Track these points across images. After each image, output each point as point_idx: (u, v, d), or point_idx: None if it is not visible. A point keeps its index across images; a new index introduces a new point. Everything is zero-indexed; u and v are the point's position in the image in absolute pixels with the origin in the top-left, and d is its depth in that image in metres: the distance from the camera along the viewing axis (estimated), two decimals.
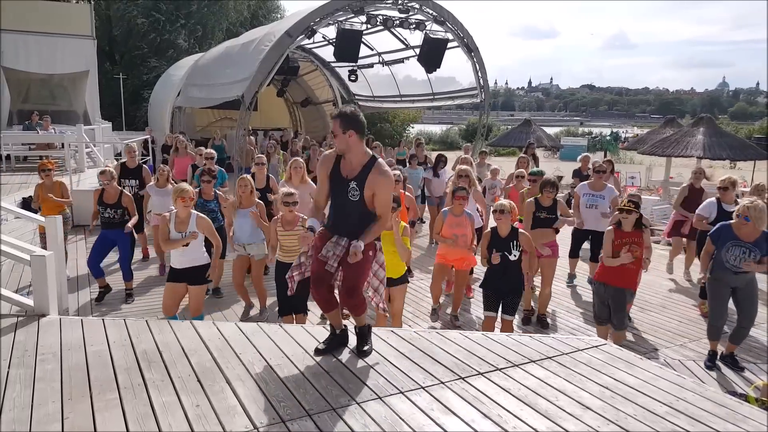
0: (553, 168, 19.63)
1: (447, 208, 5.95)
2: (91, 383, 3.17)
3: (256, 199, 6.03)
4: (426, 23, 13.37)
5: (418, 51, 14.53)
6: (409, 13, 13.12)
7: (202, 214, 5.06)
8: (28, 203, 8.78)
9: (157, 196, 7.28)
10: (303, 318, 5.11)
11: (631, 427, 2.82)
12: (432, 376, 3.32)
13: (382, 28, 13.67)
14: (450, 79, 16.46)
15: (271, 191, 7.14)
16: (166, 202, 6.86)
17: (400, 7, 12.88)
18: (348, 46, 13.37)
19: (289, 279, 3.60)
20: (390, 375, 3.31)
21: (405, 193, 6.54)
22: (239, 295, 6.15)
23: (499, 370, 3.44)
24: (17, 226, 8.29)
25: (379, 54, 17.07)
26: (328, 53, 16.96)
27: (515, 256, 5.00)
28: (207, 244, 5.12)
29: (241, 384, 3.16)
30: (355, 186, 3.29)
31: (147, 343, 3.73)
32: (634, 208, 4.94)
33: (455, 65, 14.96)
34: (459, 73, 15.85)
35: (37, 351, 3.63)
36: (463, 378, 3.31)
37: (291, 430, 2.72)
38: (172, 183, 7.19)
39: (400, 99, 18.91)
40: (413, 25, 13.29)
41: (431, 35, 13.58)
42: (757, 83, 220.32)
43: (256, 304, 6.17)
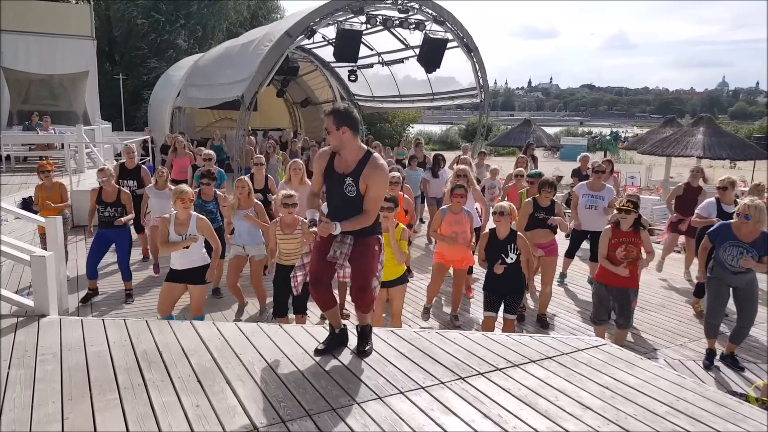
0: (553, 168, 19.61)
1: (446, 206, 5.95)
2: (91, 383, 3.17)
3: (255, 200, 6.03)
4: (426, 23, 13.37)
5: (417, 51, 14.53)
6: (409, 13, 13.13)
7: (202, 216, 5.05)
8: (28, 204, 8.78)
9: (156, 198, 7.26)
10: (303, 319, 5.11)
11: (632, 427, 2.82)
12: (432, 376, 3.32)
13: (381, 28, 13.68)
14: (450, 79, 16.46)
15: (270, 191, 7.13)
16: (165, 204, 6.85)
17: (399, 7, 12.88)
18: (348, 46, 13.37)
19: (293, 278, 3.62)
20: (390, 375, 3.32)
21: (404, 195, 6.53)
22: (233, 295, 6.14)
23: (499, 370, 3.45)
24: (17, 226, 8.29)
25: (378, 54, 17.08)
26: (327, 53, 16.96)
27: (512, 259, 4.99)
28: (207, 245, 5.12)
29: (241, 384, 3.17)
30: (351, 182, 3.27)
31: (147, 343, 3.74)
32: (632, 208, 4.94)
33: (455, 65, 14.99)
34: (459, 73, 15.88)
35: (37, 351, 3.63)
36: (463, 378, 3.31)
37: (291, 430, 2.72)
38: (170, 188, 7.14)
39: (399, 99, 18.92)
40: (413, 25, 13.29)
41: (431, 35, 13.58)
42: (757, 83, 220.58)
43: (253, 304, 6.16)
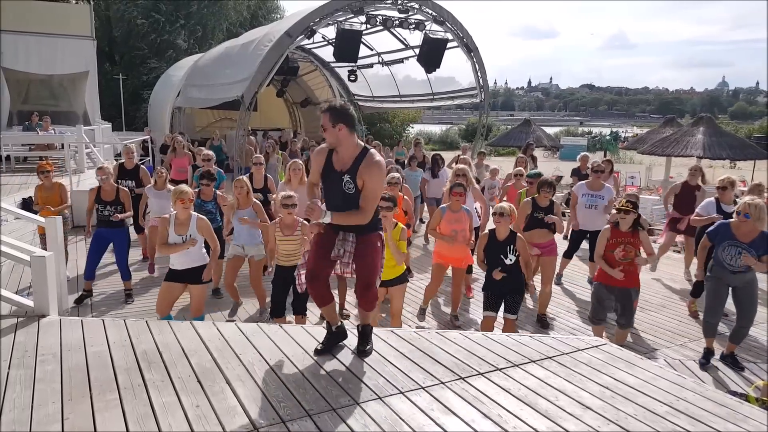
0: (553, 168, 19.62)
1: (445, 205, 5.95)
2: (91, 384, 3.17)
3: (254, 200, 6.02)
4: (425, 23, 13.36)
5: (417, 51, 14.52)
6: (409, 13, 13.12)
7: (202, 216, 5.05)
8: (28, 204, 8.78)
9: (155, 198, 7.25)
10: (302, 319, 5.11)
11: (632, 427, 2.82)
12: (432, 376, 3.32)
13: (381, 28, 13.66)
14: (449, 79, 16.45)
15: (269, 191, 7.13)
16: (164, 204, 6.84)
17: (399, 7, 12.88)
18: (347, 46, 13.36)
19: (297, 276, 3.64)
20: (390, 375, 3.31)
21: (403, 196, 6.53)
22: (229, 294, 6.13)
23: (499, 370, 3.45)
24: (17, 226, 8.29)
25: (378, 54, 17.07)
26: (327, 53, 16.95)
27: (511, 260, 4.98)
28: (207, 244, 5.12)
29: (241, 384, 3.17)
30: (349, 179, 3.25)
31: (147, 343, 3.74)
32: (632, 209, 4.91)
33: (455, 65, 14.98)
34: (458, 73, 15.87)
35: (37, 352, 3.63)
36: (463, 378, 3.31)
37: (291, 430, 2.72)
38: (169, 188, 7.13)
39: (399, 99, 18.91)
40: (413, 25, 13.28)
41: (431, 35, 13.57)
42: (757, 83, 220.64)
43: (253, 304, 6.16)
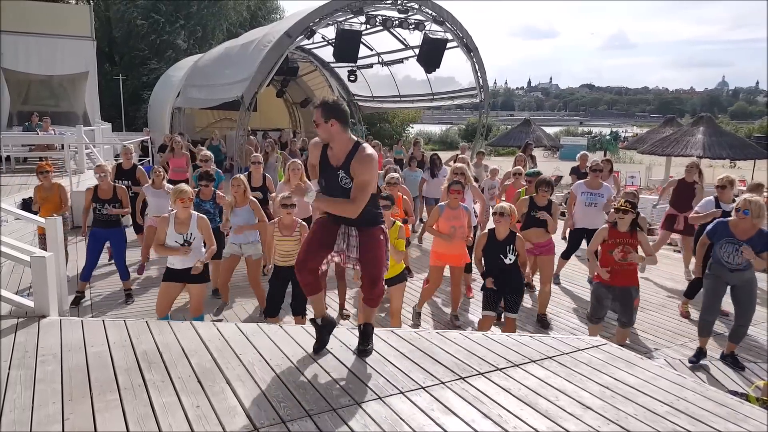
0: (553, 168, 19.62)
1: (443, 203, 5.95)
2: (92, 384, 3.17)
3: (251, 197, 6.02)
4: (425, 23, 13.37)
5: (417, 51, 14.53)
6: (409, 13, 13.13)
7: (202, 215, 5.05)
8: (28, 204, 8.78)
9: (153, 198, 7.24)
10: (302, 320, 5.10)
11: (632, 427, 2.82)
12: (432, 376, 3.32)
13: (381, 28, 13.67)
14: (449, 79, 16.46)
15: (268, 190, 7.13)
16: (162, 204, 6.84)
17: (399, 7, 12.88)
18: (347, 46, 13.36)
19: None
20: (390, 375, 3.31)
21: (403, 197, 6.53)
22: (220, 292, 6.12)
23: (500, 370, 3.45)
24: (17, 227, 8.28)
25: (378, 54, 17.07)
26: (327, 54, 16.96)
27: (511, 260, 4.98)
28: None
29: (241, 384, 3.17)
30: (343, 174, 3.27)
31: (147, 343, 3.74)
32: (630, 209, 4.86)
33: (455, 65, 14.99)
34: (458, 73, 15.88)
35: (37, 352, 3.63)
36: (463, 378, 3.31)
37: (291, 430, 2.72)
38: (167, 188, 7.11)
39: (399, 99, 18.92)
40: (412, 26, 13.29)
41: (430, 35, 13.57)
42: (757, 82, 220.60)
43: (253, 304, 6.16)
